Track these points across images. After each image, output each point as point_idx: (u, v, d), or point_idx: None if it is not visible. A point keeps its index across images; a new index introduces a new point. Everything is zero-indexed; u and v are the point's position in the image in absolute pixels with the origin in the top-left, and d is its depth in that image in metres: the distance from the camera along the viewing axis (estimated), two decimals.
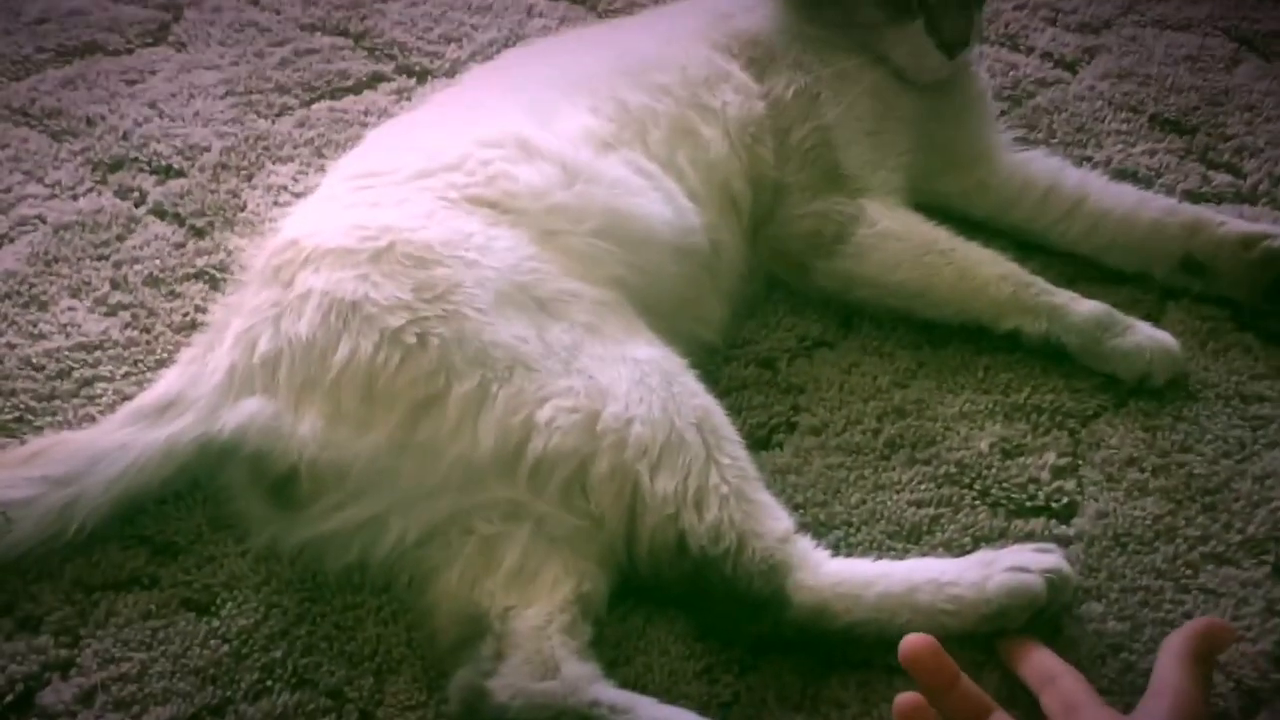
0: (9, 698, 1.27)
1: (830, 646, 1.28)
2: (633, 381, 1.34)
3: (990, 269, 1.62)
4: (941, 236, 1.66)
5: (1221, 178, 1.91)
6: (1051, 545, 1.33)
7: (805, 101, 1.73)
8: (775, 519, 1.32)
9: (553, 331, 1.36)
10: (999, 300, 1.60)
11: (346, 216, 1.45)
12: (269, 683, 1.28)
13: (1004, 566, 1.27)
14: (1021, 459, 1.49)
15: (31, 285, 1.73)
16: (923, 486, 1.46)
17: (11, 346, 1.63)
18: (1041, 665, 1.22)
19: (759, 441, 1.52)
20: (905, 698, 1.13)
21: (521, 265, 1.39)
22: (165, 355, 1.61)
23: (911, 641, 1.18)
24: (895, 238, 1.66)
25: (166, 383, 1.43)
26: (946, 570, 1.29)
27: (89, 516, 1.33)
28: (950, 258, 1.64)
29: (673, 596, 1.32)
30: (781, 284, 1.73)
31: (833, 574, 1.28)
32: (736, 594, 1.27)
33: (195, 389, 1.39)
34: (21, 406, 1.55)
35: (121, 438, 1.36)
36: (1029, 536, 1.40)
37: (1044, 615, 1.27)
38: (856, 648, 1.27)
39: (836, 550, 1.35)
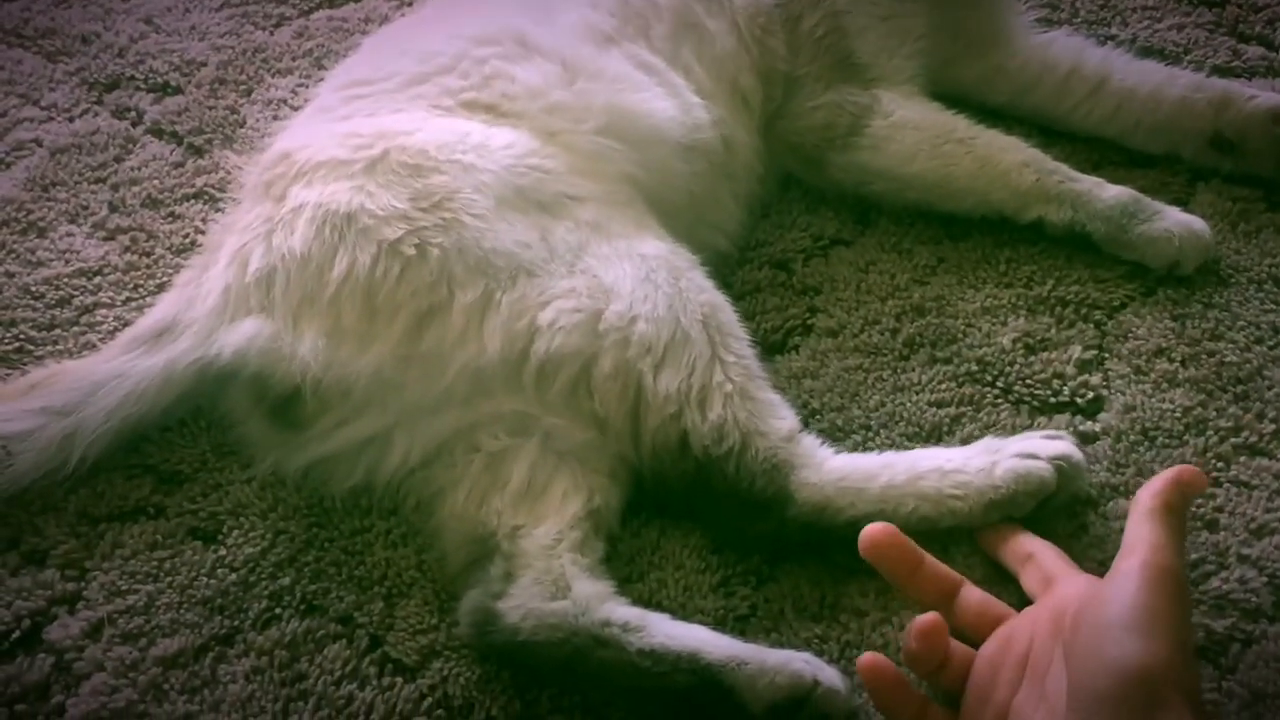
0: (16, 634, 1.25)
1: (843, 546, 1.23)
2: (638, 279, 1.30)
3: (1011, 156, 1.57)
4: (960, 124, 1.61)
5: (1253, 51, 1.84)
6: (1062, 432, 1.31)
7: None
8: (779, 418, 1.29)
9: (557, 232, 1.32)
10: (1021, 189, 1.55)
11: (339, 127, 1.41)
12: (278, 610, 1.27)
13: (1012, 453, 1.25)
14: (1045, 354, 1.44)
15: (29, 211, 1.70)
16: (943, 386, 1.42)
17: (10, 275, 1.60)
18: (1018, 545, 1.20)
19: (774, 345, 1.48)
20: (924, 619, 1.10)
21: (519, 166, 1.35)
22: (166, 279, 1.58)
23: (869, 531, 1.16)
24: (911, 127, 1.60)
25: (163, 307, 1.40)
26: (952, 458, 1.26)
27: (90, 447, 1.31)
28: (969, 146, 1.58)
29: (678, 501, 1.29)
30: (796, 182, 1.69)
31: (836, 469, 1.26)
32: (739, 494, 1.25)
33: (190, 312, 1.36)
34: (22, 337, 1.52)
35: (118, 365, 1.34)
36: None
37: (1053, 503, 1.24)
38: None
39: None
